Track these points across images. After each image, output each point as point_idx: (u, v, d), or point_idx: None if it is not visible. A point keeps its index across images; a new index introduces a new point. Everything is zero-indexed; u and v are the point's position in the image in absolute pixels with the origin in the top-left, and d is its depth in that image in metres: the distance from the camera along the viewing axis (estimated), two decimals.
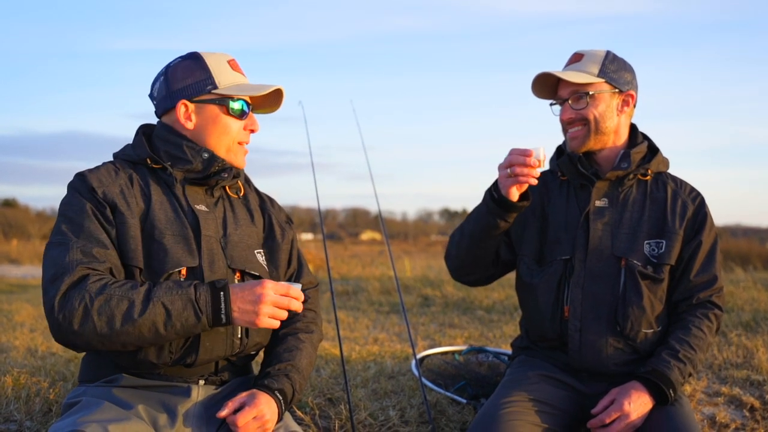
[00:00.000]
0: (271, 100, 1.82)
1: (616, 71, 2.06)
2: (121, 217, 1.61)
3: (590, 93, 2.02)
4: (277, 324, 1.55)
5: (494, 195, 1.93)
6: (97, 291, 1.48)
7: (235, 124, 1.74)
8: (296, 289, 1.56)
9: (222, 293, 1.52)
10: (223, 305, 1.51)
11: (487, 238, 2.02)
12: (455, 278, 2.21)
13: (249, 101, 1.76)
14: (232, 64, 1.76)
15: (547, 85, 2.10)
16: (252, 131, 1.78)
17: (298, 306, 1.56)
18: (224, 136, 1.73)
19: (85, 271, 1.51)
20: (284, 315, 1.55)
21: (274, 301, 1.52)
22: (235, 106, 1.72)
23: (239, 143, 1.76)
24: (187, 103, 1.71)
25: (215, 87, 1.71)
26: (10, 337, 4.14)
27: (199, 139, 1.72)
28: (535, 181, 1.87)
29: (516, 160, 1.85)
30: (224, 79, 1.72)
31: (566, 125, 2.07)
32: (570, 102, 2.04)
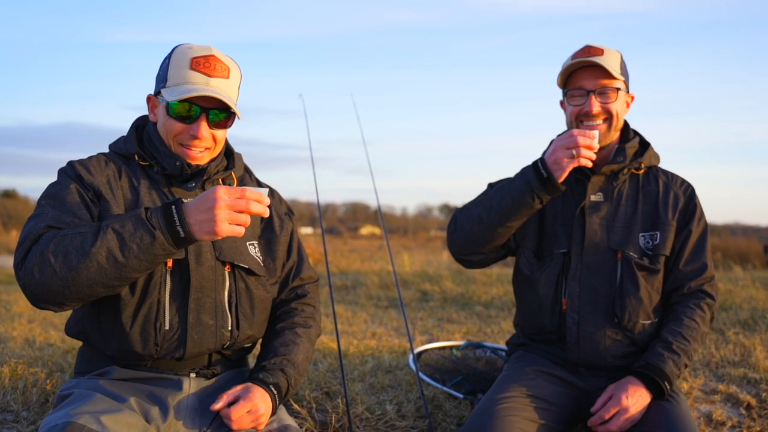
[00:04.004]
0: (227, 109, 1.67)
1: (627, 72, 2.09)
2: (106, 204, 1.61)
3: (618, 88, 2.03)
4: (240, 231, 1.44)
5: (543, 174, 1.94)
6: (50, 237, 1.48)
7: (177, 126, 1.65)
8: (253, 190, 1.45)
9: (174, 207, 1.44)
10: (176, 217, 1.43)
11: (517, 217, 2.01)
12: (458, 255, 2.16)
13: (199, 105, 1.63)
14: (196, 62, 1.64)
15: (565, 75, 2.08)
16: (193, 137, 1.65)
17: (260, 209, 1.45)
18: (168, 136, 1.68)
19: (46, 229, 1.51)
20: (245, 220, 1.44)
21: (230, 205, 1.41)
22: (175, 108, 1.63)
23: (184, 146, 1.67)
24: (152, 97, 1.72)
25: (164, 85, 1.66)
26: (8, 328, 4.13)
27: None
28: (590, 164, 1.93)
29: (584, 142, 1.90)
30: (173, 78, 1.64)
31: (586, 118, 2.04)
32: (596, 95, 2.03)
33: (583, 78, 2.03)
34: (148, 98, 1.73)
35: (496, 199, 2.03)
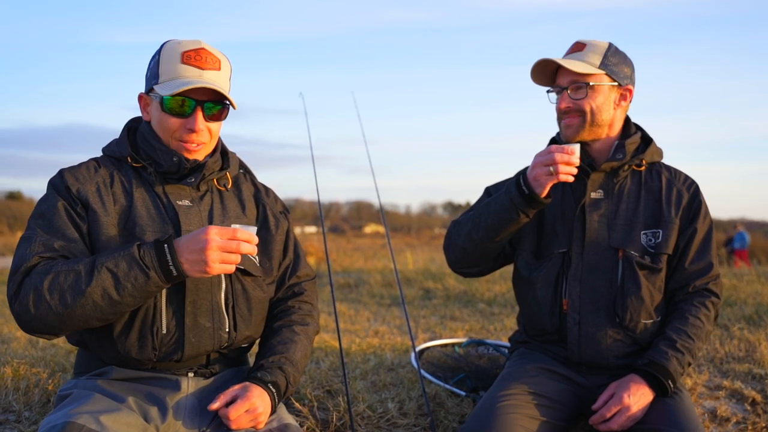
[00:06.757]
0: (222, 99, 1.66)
1: (617, 64, 2.04)
2: (94, 215, 1.61)
3: (590, 84, 2.00)
4: (231, 269, 1.50)
5: (524, 191, 1.91)
6: (44, 272, 1.49)
7: (172, 121, 1.65)
8: (244, 231, 1.49)
9: (166, 245, 1.48)
10: (169, 257, 1.47)
11: (505, 232, 2.00)
12: (455, 269, 2.19)
13: (193, 98, 1.63)
14: (186, 56, 1.64)
15: (546, 73, 2.08)
16: (190, 130, 1.65)
17: (250, 249, 1.49)
18: (164, 133, 1.67)
19: (38, 260, 1.53)
20: (237, 259, 1.49)
21: (222, 246, 1.45)
22: (169, 103, 1.63)
23: (182, 141, 1.67)
24: (144, 96, 1.71)
25: (157, 82, 1.65)
26: (11, 328, 4.15)
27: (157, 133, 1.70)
28: (571, 179, 1.88)
29: (562, 159, 1.86)
30: (166, 73, 1.63)
31: (562, 114, 2.06)
32: (569, 91, 2.02)
33: (561, 75, 2.04)
34: (140, 97, 1.72)
35: (483, 215, 2.02)
